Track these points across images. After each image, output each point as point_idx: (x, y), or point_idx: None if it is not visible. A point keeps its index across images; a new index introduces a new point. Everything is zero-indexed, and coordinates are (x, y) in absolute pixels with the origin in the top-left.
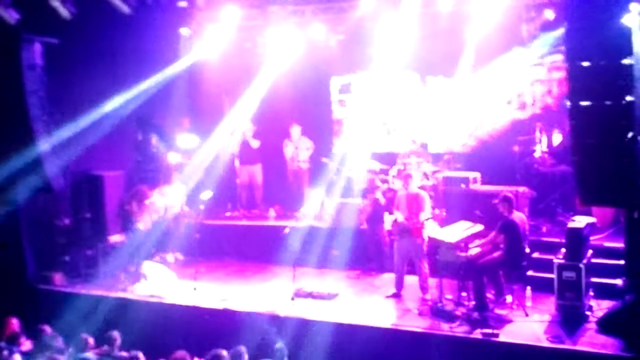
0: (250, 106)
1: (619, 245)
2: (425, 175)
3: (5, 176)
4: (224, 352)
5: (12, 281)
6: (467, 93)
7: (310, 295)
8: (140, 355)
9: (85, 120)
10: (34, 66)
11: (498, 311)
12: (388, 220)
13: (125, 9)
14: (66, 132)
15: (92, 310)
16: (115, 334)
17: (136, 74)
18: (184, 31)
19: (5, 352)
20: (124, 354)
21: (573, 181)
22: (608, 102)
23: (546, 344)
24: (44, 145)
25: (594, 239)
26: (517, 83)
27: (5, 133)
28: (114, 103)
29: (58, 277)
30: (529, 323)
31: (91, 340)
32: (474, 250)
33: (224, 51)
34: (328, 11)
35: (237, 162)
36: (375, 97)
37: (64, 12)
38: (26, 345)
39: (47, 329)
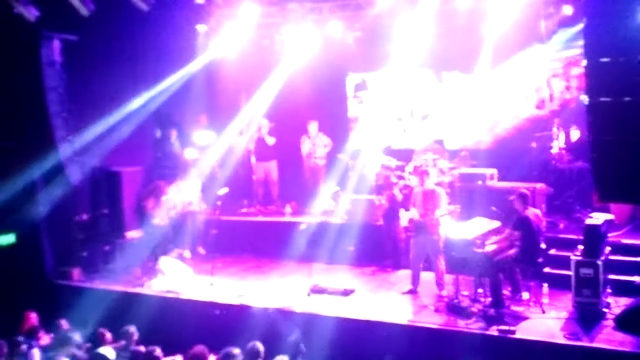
0: (266, 102)
1: (637, 242)
2: (442, 172)
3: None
4: (236, 351)
5: (31, 276)
6: (485, 90)
7: (326, 291)
8: (158, 350)
9: (104, 117)
10: (53, 63)
11: (514, 308)
12: (404, 217)
13: (143, 6)
14: (85, 128)
15: (110, 305)
16: (132, 329)
17: (154, 70)
18: (201, 28)
19: (24, 346)
20: (141, 348)
21: (590, 178)
22: (627, 99)
23: (563, 341)
24: (62, 141)
25: (611, 236)
26: (534, 79)
27: (25, 129)
28: (133, 100)
29: (76, 273)
30: (545, 320)
31: (108, 335)
32: (490, 246)
33: (241, 48)
34: (345, 8)
35: (253, 159)
36: (392, 94)
37: (82, 9)
38: (45, 339)
39: (65, 323)
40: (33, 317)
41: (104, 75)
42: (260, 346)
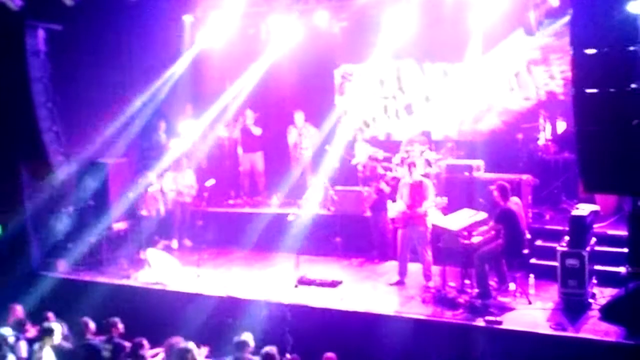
0: (249, 91)
1: (622, 233)
2: (428, 163)
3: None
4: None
5: (16, 268)
6: (471, 80)
7: (313, 282)
8: (145, 342)
9: (89, 108)
10: (37, 52)
11: (501, 299)
12: (392, 208)
13: None
14: (70, 119)
15: (96, 297)
16: (117, 320)
17: (140, 60)
18: (187, 18)
19: (11, 339)
20: (127, 344)
21: (576, 169)
22: (612, 90)
23: (549, 331)
24: (47, 132)
25: (597, 227)
26: (516, 67)
27: (10, 119)
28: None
29: (62, 264)
30: (531, 311)
31: (92, 325)
32: (476, 238)
33: (227, 38)
34: None
35: (239, 150)
36: (378, 85)
37: None
38: (31, 332)
39: (51, 315)
40: (19, 310)
41: (90, 66)
42: (249, 337)
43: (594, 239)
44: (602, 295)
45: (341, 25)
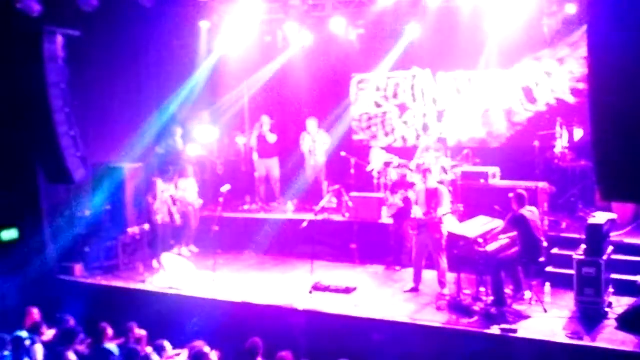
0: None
1: None
2: (444, 170)
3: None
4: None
5: (33, 271)
6: (486, 88)
7: (328, 289)
8: (167, 344)
9: (106, 113)
10: (55, 58)
11: (516, 307)
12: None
13: (146, 2)
14: (87, 124)
15: (112, 301)
16: (133, 324)
17: (157, 66)
18: (204, 24)
19: (27, 342)
20: (148, 348)
21: (593, 177)
22: (631, 97)
23: (565, 340)
24: (65, 136)
25: (614, 235)
26: (530, 76)
27: (27, 124)
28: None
29: (78, 268)
30: (547, 319)
31: (110, 331)
32: (492, 245)
33: (243, 45)
34: (348, 5)
35: (255, 156)
36: (392, 93)
37: (90, 2)
38: (47, 335)
39: (68, 319)
40: (35, 313)
41: (107, 71)
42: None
43: (610, 248)
44: (619, 304)
45: (358, 33)
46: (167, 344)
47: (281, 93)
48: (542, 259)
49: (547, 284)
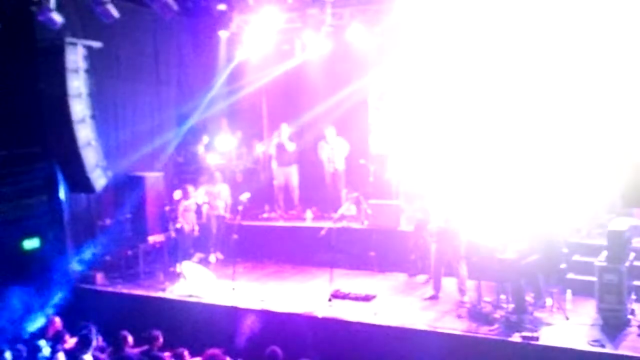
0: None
1: None
2: None
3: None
4: None
5: (55, 280)
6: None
7: (347, 296)
8: (186, 353)
9: (127, 123)
10: (77, 69)
11: (537, 314)
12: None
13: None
14: (108, 134)
15: (133, 309)
16: (157, 333)
17: (177, 76)
18: (222, 34)
19: (49, 350)
20: (167, 353)
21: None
22: None
23: (587, 347)
24: (86, 146)
25: (636, 242)
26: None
27: (49, 135)
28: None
29: (99, 277)
30: (569, 326)
31: (130, 338)
32: (512, 252)
33: (262, 53)
34: (366, 13)
35: (274, 164)
36: (411, 100)
37: (110, 14)
38: (69, 343)
39: (89, 327)
40: (57, 321)
41: (128, 81)
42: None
43: (632, 254)
44: None
45: (376, 41)
46: (185, 353)
47: (299, 101)
48: (563, 266)
49: (568, 291)
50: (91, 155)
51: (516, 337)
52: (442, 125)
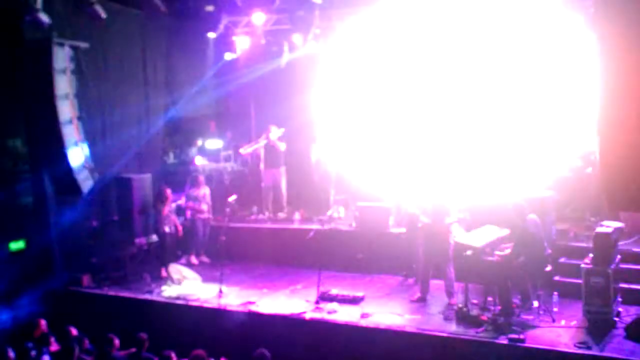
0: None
1: None
2: None
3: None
4: None
5: (41, 282)
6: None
7: (335, 298)
8: (173, 355)
9: (114, 124)
10: (64, 70)
11: (524, 316)
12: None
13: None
14: (95, 135)
15: (120, 312)
16: (144, 335)
17: (164, 77)
18: (211, 35)
19: (34, 352)
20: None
21: (601, 185)
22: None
23: (573, 350)
24: (73, 148)
25: (622, 244)
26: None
27: (36, 136)
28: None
29: (86, 279)
30: (555, 329)
31: (117, 341)
32: (499, 254)
33: (250, 55)
34: (354, 15)
35: (262, 165)
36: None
37: (98, 14)
38: (55, 345)
39: (74, 330)
40: (43, 324)
41: (116, 82)
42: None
43: (619, 257)
44: (628, 313)
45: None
46: (172, 355)
47: (288, 102)
48: (549, 268)
49: (555, 294)
50: (78, 156)
51: (503, 340)
52: (432, 125)
